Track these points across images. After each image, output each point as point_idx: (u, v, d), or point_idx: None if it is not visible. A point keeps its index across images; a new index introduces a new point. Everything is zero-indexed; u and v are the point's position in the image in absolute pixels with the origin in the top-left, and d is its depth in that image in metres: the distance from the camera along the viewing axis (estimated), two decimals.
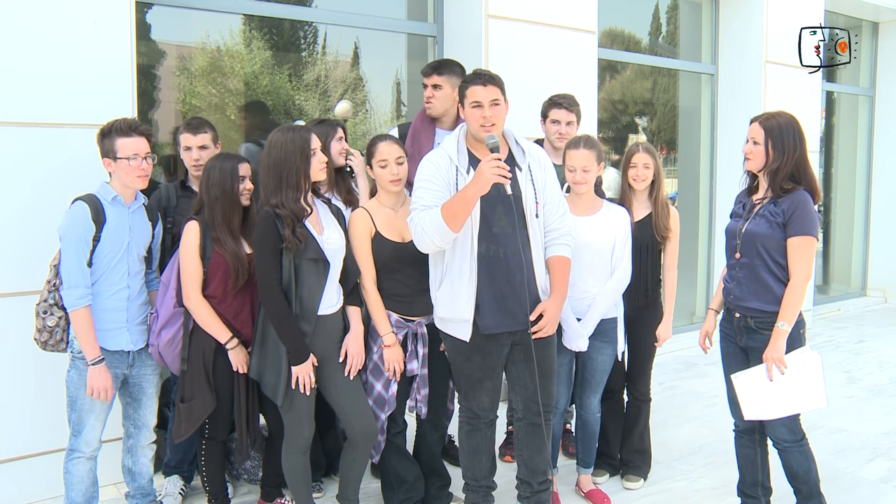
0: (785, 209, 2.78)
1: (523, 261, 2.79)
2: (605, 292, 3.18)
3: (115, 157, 2.76)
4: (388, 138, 3.07)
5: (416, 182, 2.82)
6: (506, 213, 2.76)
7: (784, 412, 2.85)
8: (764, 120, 2.85)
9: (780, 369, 2.79)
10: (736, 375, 2.93)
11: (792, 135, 2.80)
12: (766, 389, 2.83)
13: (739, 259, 2.91)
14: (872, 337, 6.80)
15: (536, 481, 3.06)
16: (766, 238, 2.81)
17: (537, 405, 2.94)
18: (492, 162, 2.56)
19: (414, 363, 3.06)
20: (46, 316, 2.82)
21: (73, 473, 2.87)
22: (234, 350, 2.91)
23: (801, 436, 2.92)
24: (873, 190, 8.43)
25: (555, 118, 3.70)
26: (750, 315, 2.88)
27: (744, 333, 2.93)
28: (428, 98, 3.56)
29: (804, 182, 2.82)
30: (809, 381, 2.82)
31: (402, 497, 3.17)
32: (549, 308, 2.85)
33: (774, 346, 2.79)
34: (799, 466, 2.92)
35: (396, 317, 3.03)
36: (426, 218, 2.68)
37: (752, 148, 2.86)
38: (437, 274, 2.89)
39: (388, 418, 3.08)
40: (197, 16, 4.25)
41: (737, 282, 2.93)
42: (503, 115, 2.79)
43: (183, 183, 3.37)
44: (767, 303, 2.83)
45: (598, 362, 3.29)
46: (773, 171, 2.82)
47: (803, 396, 2.82)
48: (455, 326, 2.86)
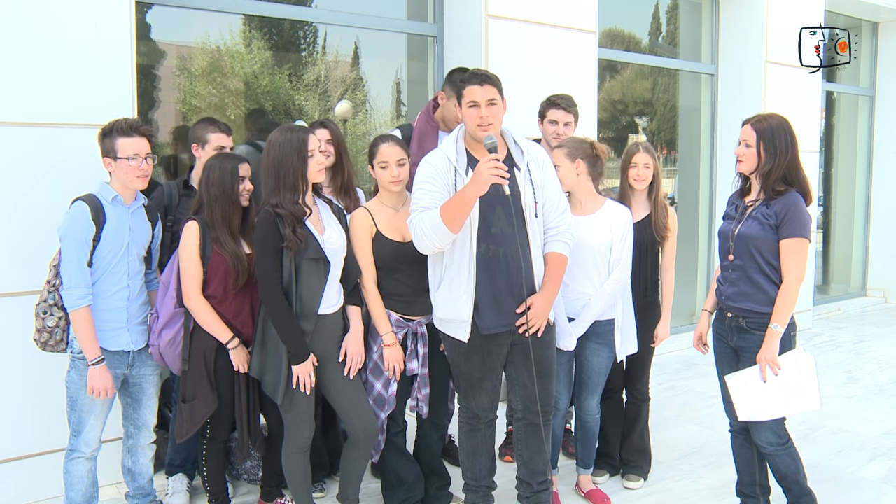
0: (777, 211, 2.78)
1: (522, 261, 2.78)
2: (600, 294, 3.16)
3: (115, 156, 2.76)
4: (390, 139, 3.07)
5: (416, 184, 2.82)
6: (505, 213, 2.76)
7: (778, 413, 2.85)
8: (755, 122, 2.85)
9: (774, 370, 2.80)
10: (730, 377, 2.93)
11: (784, 137, 2.80)
12: (760, 391, 2.84)
13: (732, 261, 2.92)
14: (872, 337, 6.80)
15: (536, 481, 3.05)
16: (758, 240, 2.82)
17: (536, 405, 2.93)
18: (490, 162, 2.56)
19: (414, 363, 3.06)
20: (46, 316, 2.82)
21: (72, 473, 2.87)
22: (236, 350, 2.91)
23: (787, 439, 2.94)
24: (873, 190, 8.43)
25: (552, 118, 3.70)
26: (742, 315, 2.88)
27: (735, 333, 2.93)
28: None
29: (796, 184, 2.82)
30: (803, 382, 2.83)
31: (402, 497, 3.17)
32: (536, 302, 2.83)
33: (768, 347, 2.80)
34: (787, 468, 2.93)
35: (396, 316, 3.03)
36: (425, 219, 2.68)
37: (744, 150, 2.87)
38: (436, 275, 2.89)
39: (388, 418, 3.09)
40: (197, 16, 4.25)
41: (729, 283, 2.93)
42: (500, 115, 2.79)
43: (186, 182, 3.37)
44: (759, 304, 2.84)
45: (594, 364, 3.28)
46: (765, 173, 2.83)
47: (797, 398, 2.83)
48: (454, 327, 2.86)
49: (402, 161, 3.02)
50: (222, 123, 3.34)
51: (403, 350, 3.04)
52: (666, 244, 3.48)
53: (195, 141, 3.31)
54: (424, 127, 3.59)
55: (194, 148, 3.32)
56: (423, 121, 3.62)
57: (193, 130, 3.34)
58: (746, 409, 2.89)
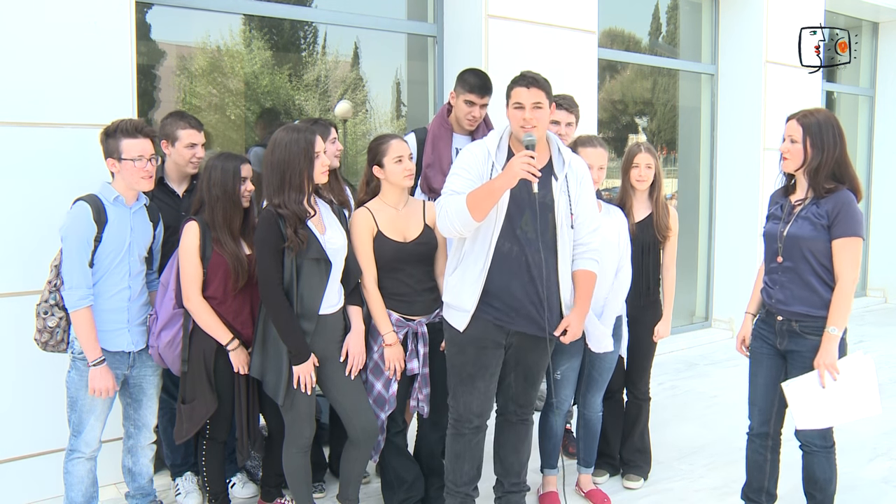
0: (829, 210, 2.67)
1: (544, 268, 2.78)
2: (615, 291, 3.21)
3: (119, 157, 2.75)
4: (396, 136, 3.12)
5: (452, 168, 2.86)
6: (532, 218, 2.76)
7: (838, 420, 2.74)
8: (802, 117, 2.75)
9: (833, 375, 2.68)
10: (787, 384, 2.79)
11: (831, 132, 2.70)
12: (819, 397, 2.71)
13: (781, 263, 2.81)
14: (872, 337, 6.81)
15: (509, 482, 3.08)
16: (810, 241, 2.71)
17: (515, 405, 3.00)
18: (524, 157, 2.57)
19: (414, 362, 3.06)
20: (47, 316, 2.82)
21: (73, 473, 2.87)
22: (235, 351, 2.91)
23: (832, 443, 2.86)
24: (873, 190, 8.42)
25: (555, 118, 3.69)
26: (795, 319, 2.77)
27: (786, 337, 2.82)
28: (476, 118, 3.57)
29: (846, 181, 2.72)
30: (863, 386, 2.72)
31: (402, 497, 3.17)
32: (572, 322, 2.87)
33: (827, 351, 2.68)
34: (822, 473, 2.86)
35: (397, 316, 3.04)
36: (451, 202, 2.70)
37: (790, 146, 2.77)
38: (453, 260, 2.90)
39: (388, 418, 3.09)
40: (197, 16, 4.24)
41: (780, 286, 2.82)
42: (546, 119, 2.79)
43: (161, 180, 3.24)
44: (814, 307, 2.73)
45: (606, 360, 3.31)
46: (812, 169, 2.72)
47: (857, 403, 2.72)
48: (455, 314, 2.86)
49: (411, 155, 3.10)
50: (192, 118, 3.23)
51: (404, 350, 3.04)
52: (667, 244, 3.49)
53: (164, 137, 3.19)
54: (438, 130, 3.62)
55: (164, 145, 3.20)
56: (438, 124, 3.65)
57: (162, 126, 3.21)
58: (806, 416, 2.76)
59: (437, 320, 3.09)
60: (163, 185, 3.25)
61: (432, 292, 3.12)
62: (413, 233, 3.08)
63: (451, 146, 3.58)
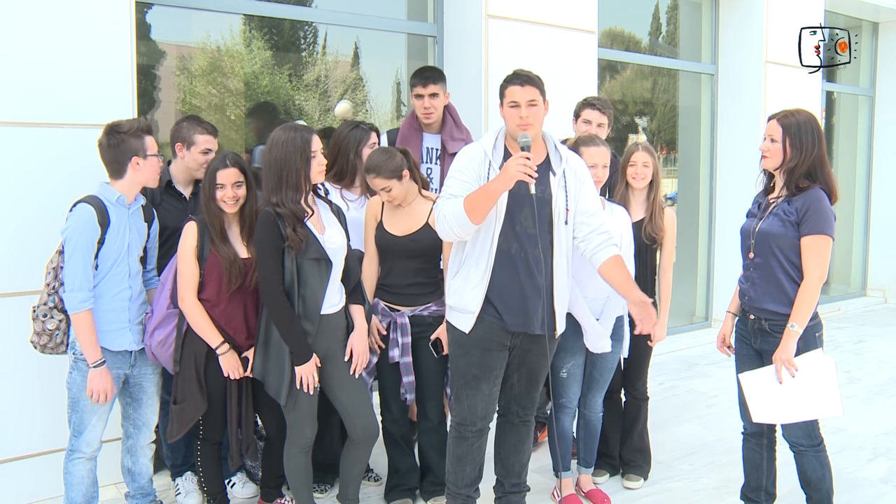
0: (798, 207, 2.71)
1: (543, 264, 2.78)
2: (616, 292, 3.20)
3: (145, 154, 2.77)
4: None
5: (449, 172, 2.85)
6: (531, 214, 2.76)
7: (796, 418, 2.76)
8: (782, 117, 2.79)
9: (790, 371, 2.71)
10: (744, 375, 2.86)
11: (811, 133, 2.74)
12: (776, 392, 2.74)
13: (753, 259, 2.85)
14: (872, 337, 6.80)
15: (509, 482, 3.09)
16: (779, 237, 2.75)
17: (518, 406, 3.01)
18: (520, 160, 2.57)
19: (395, 351, 3.15)
20: (46, 319, 2.81)
21: (73, 473, 2.87)
22: (225, 355, 2.88)
23: (818, 441, 2.86)
24: (873, 190, 8.42)
25: (587, 118, 3.78)
26: (764, 317, 2.81)
27: (758, 336, 2.86)
28: (427, 108, 3.60)
29: (821, 180, 2.75)
30: (822, 386, 2.73)
31: (394, 482, 3.30)
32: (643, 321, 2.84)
33: (784, 347, 2.72)
34: (813, 472, 2.86)
35: (382, 304, 3.17)
36: (449, 206, 2.70)
37: (770, 146, 2.81)
38: (455, 263, 2.90)
39: (382, 405, 3.23)
40: (197, 16, 4.25)
41: (751, 283, 2.87)
42: (541, 116, 2.79)
43: (169, 183, 3.26)
44: (781, 304, 2.76)
45: (608, 360, 3.31)
46: (789, 169, 2.76)
47: (816, 403, 2.73)
48: (459, 316, 2.86)
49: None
50: (209, 124, 3.25)
51: (385, 340, 3.16)
52: (663, 246, 3.48)
53: (180, 140, 3.19)
54: (408, 130, 3.71)
55: (178, 147, 3.20)
56: (407, 125, 3.75)
57: (178, 129, 3.21)
58: (761, 409, 2.80)
59: (426, 314, 3.16)
60: (170, 187, 3.26)
61: (421, 287, 3.17)
62: (410, 229, 3.13)
63: (422, 145, 3.67)
